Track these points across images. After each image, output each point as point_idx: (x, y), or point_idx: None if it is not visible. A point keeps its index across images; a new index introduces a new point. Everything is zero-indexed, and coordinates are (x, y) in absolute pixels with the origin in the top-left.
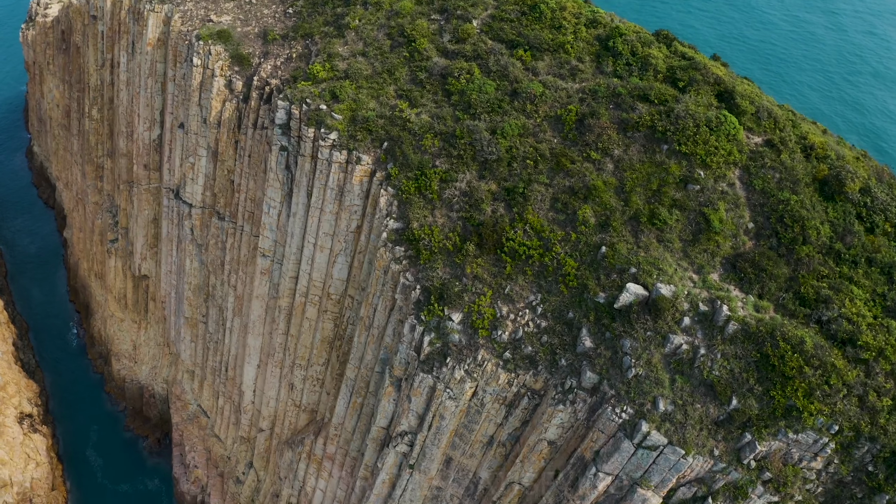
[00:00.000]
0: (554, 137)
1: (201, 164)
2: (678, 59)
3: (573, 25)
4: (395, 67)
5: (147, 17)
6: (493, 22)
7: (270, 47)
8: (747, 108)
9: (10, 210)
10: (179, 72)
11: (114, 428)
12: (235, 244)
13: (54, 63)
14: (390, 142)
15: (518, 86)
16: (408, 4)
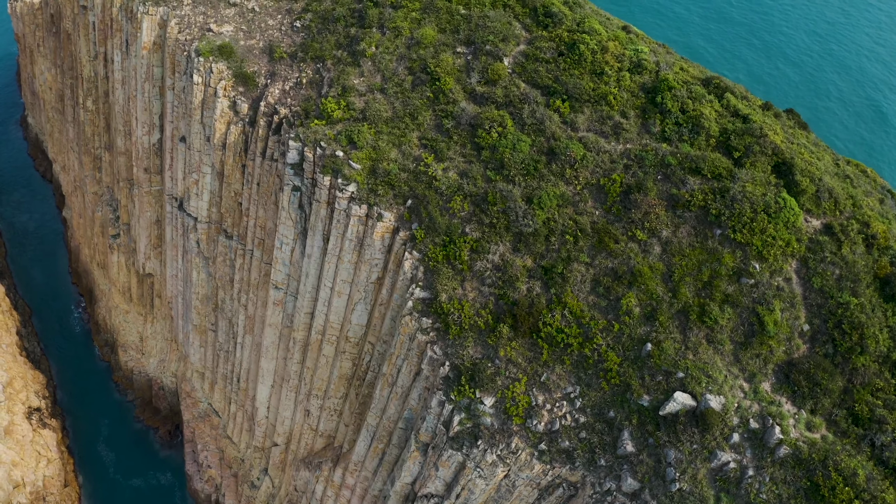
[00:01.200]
0: (596, 209)
1: (206, 181)
2: (731, 117)
3: (616, 72)
4: (417, 110)
5: (141, 19)
6: (526, 62)
7: (277, 67)
8: (807, 188)
9: (7, 184)
10: (178, 83)
11: (123, 419)
12: (245, 266)
13: (45, 45)
14: (415, 199)
15: (556, 144)
16: (430, 33)
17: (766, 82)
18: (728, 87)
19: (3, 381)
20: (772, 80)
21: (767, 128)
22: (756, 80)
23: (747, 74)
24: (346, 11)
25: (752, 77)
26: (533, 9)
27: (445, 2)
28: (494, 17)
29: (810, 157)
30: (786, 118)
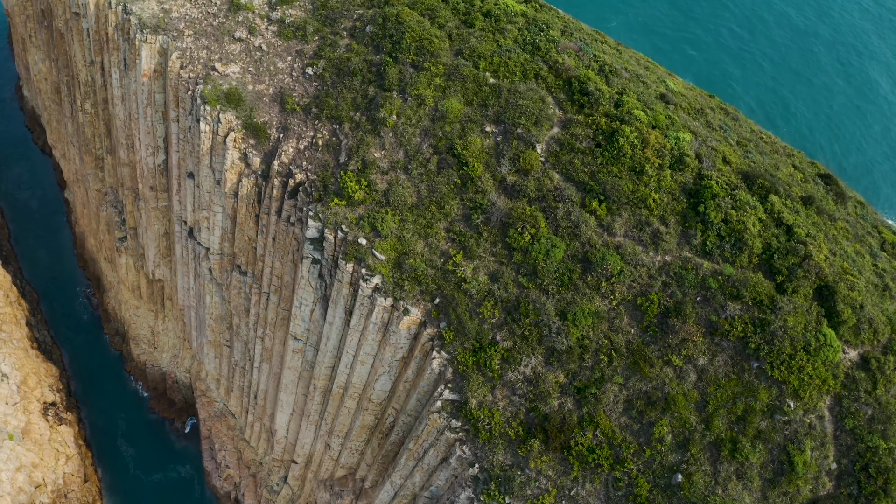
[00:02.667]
0: (631, 327)
1: (217, 219)
2: (775, 228)
3: (656, 170)
4: (444, 198)
5: (139, 47)
6: (560, 151)
7: (290, 119)
8: (848, 318)
9: (5, 158)
10: (183, 121)
11: (139, 410)
12: (261, 304)
13: (37, 37)
14: (443, 299)
15: (592, 252)
16: (456, 106)
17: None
18: (771, 184)
19: (18, 381)
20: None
21: (811, 243)
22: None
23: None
24: (362, 64)
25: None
26: (567, 81)
27: (472, 68)
28: (526, 93)
29: (852, 277)
30: (823, 190)
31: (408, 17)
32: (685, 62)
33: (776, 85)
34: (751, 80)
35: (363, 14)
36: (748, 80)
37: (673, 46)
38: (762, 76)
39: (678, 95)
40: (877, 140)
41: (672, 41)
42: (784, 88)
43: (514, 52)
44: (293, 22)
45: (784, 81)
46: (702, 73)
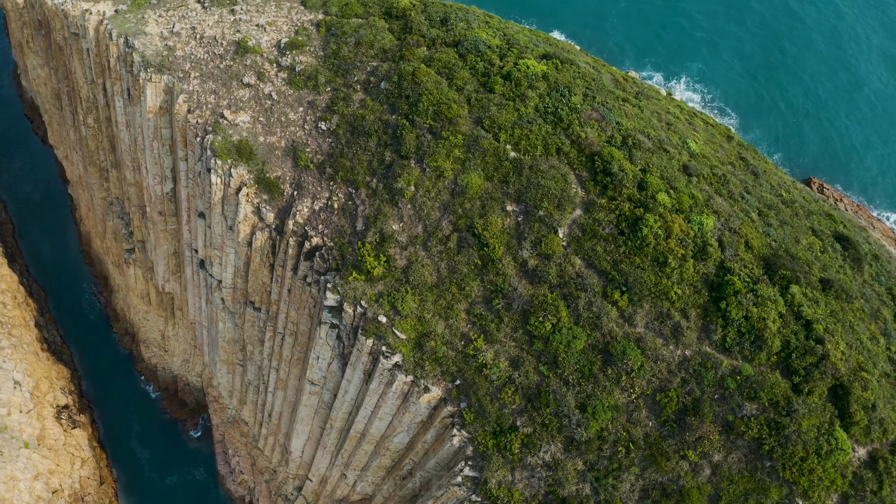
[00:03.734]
0: (650, 420)
1: (229, 259)
2: (794, 325)
3: (679, 260)
4: (465, 279)
5: (143, 85)
6: (583, 237)
7: (304, 177)
8: (860, 420)
9: (6, 149)
10: (192, 162)
11: (151, 410)
12: (276, 341)
13: (35, 43)
14: (463, 381)
15: (613, 345)
16: (476, 181)
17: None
18: (792, 273)
19: (30, 388)
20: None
21: (829, 340)
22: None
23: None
24: (377, 123)
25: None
26: (590, 157)
27: (492, 140)
28: (548, 171)
29: (867, 373)
30: (841, 258)
31: (424, 78)
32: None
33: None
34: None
35: (377, 67)
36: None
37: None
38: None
39: (700, 159)
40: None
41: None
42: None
43: (536, 124)
44: (304, 70)
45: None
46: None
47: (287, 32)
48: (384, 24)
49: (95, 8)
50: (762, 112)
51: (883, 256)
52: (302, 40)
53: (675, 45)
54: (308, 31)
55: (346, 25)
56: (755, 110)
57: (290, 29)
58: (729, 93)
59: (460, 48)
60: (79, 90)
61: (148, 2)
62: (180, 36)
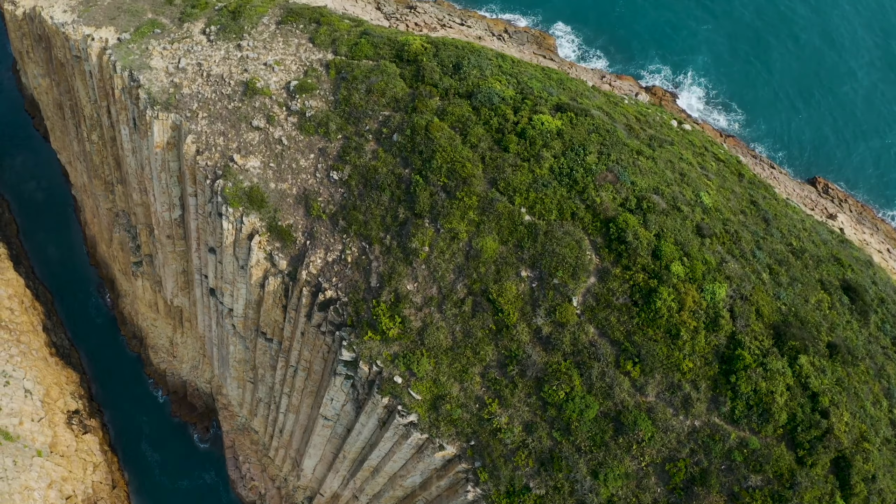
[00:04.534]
0: (658, 487)
1: (241, 293)
2: (801, 397)
3: (691, 332)
4: (479, 343)
5: (150, 122)
6: (597, 307)
7: (316, 226)
8: (860, 492)
9: (7, 145)
10: (201, 200)
11: (161, 413)
12: (288, 372)
13: (35, 54)
14: (478, 442)
15: (624, 415)
16: (491, 245)
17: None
18: (801, 343)
19: (41, 395)
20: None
21: (833, 412)
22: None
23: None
24: (390, 177)
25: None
26: (605, 223)
27: (507, 203)
28: (563, 238)
29: (868, 444)
30: (848, 312)
31: (437, 133)
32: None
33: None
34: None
35: (389, 117)
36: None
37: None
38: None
39: (712, 214)
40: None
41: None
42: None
43: (551, 187)
44: (314, 116)
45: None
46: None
47: (296, 73)
48: (396, 70)
49: (97, 34)
50: (768, 107)
51: (889, 298)
52: (311, 83)
53: (682, 38)
54: (317, 73)
55: (357, 69)
56: (761, 105)
57: (298, 69)
58: (735, 87)
59: (474, 101)
60: (82, 108)
61: (151, 31)
62: (186, 72)
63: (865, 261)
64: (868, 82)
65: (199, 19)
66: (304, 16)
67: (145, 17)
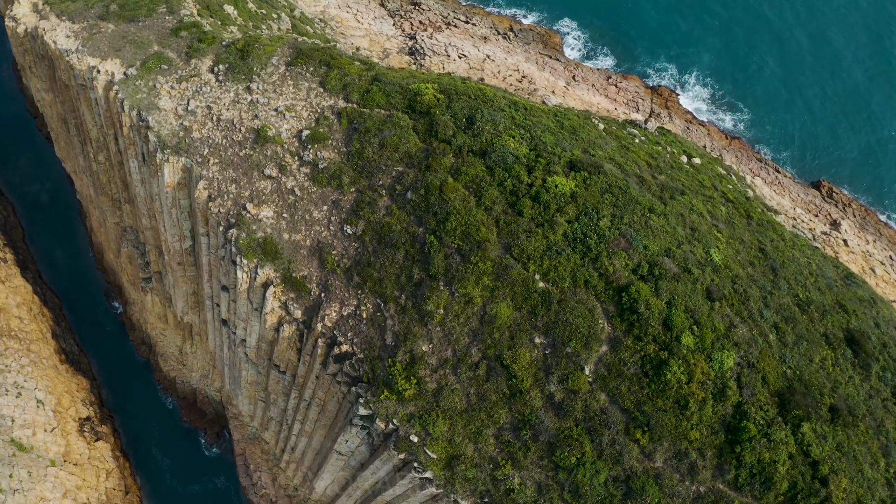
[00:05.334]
0: None
1: (254, 328)
2: (803, 466)
3: (699, 403)
4: (493, 406)
5: (160, 164)
6: (608, 376)
7: (331, 279)
8: None
9: (10, 146)
10: (214, 241)
11: (171, 418)
12: (302, 404)
13: (38, 69)
14: (491, 500)
15: (633, 481)
16: (505, 311)
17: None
18: (804, 411)
19: (53, 405)
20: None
21: (833, 480)
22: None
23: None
24: (404, 235)
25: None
26: (617, 291)
27: (521, 270)
28: (576, 307)
29: None
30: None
31: (452, 195)
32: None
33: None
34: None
35: (403, 173)
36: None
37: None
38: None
39: (722, 273)
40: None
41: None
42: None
43: (565, 255)
44: (327, 168)
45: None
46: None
47: (307, 120)
48: (408, 122)
49: (103, 67)
50: (776, 107)
51: (891, 340)
52: (323, 132)
53: (689, 35)
54: (329, 122)
55: (370, 120)
56: (768, 105)
57: (310, 116)
58: (741, 86)
59: (488, 160)
60: (88, 130)
61: (158, 66)
62: (196, 115)
63: (869, 299)
64: (882, 81)
65: (207, 55)
66: (313, 58)
67: (151, 50)
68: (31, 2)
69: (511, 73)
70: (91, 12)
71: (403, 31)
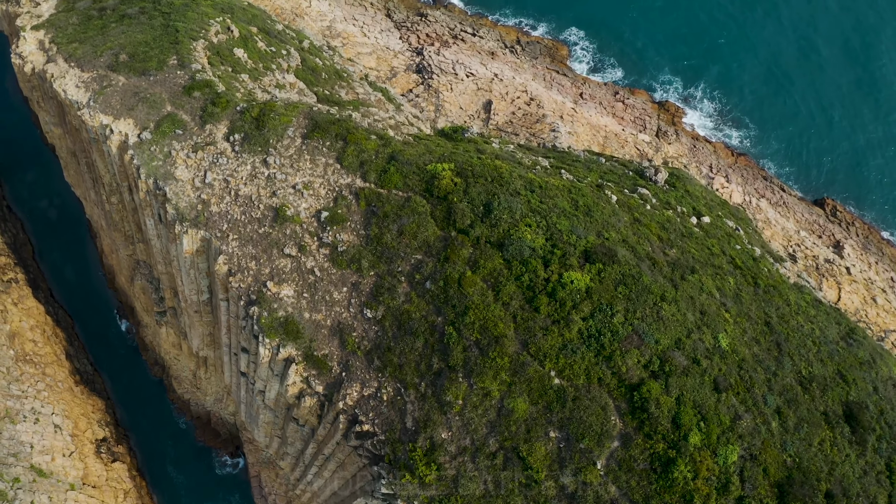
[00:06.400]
0: None
1: (274, 387)
2: None
3: (703, 498)
4: (510, 494)
5: (179, 234)
6: (618, 470)
7: (352, 360)
8: None
9: (16, 161)
10: (233, 308)
11: (185, 437)
12: (320, 457)
13: (45, 104)
14: None
15: None
16: (521, 406)
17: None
18: (802, 501)
19: (70, 429)
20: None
21: None
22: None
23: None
24: (424, 324)
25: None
26: (630, 388)
27: (538, 367)
28: (590, 405)
29: None
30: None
31: (470, 289)
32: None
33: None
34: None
35: (422, 262)
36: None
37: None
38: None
39: (729, 358)
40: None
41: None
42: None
43: (579, 353)
44: (346, 251)
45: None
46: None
47: (325, 199)
48: (426, 208)
49: (116, 126)
50: (782, 121)
51: (888, 403)
52: (342, 214)
53: (695, 47)
54: (347, 201)
55: (388, 204)
56: (775, 120)
57: (328, 194)
58: (748, 100)
59: (505, 253)
60: (101, 175)
61: (172, 130)
62: (214, 188)
63: (868, 360)
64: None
65: (222, 121)
66: (329, 131)
67: (165, 111)
68: (37, 39)
69: (519, 94)
70: (100, 61)
71: (410, 45)
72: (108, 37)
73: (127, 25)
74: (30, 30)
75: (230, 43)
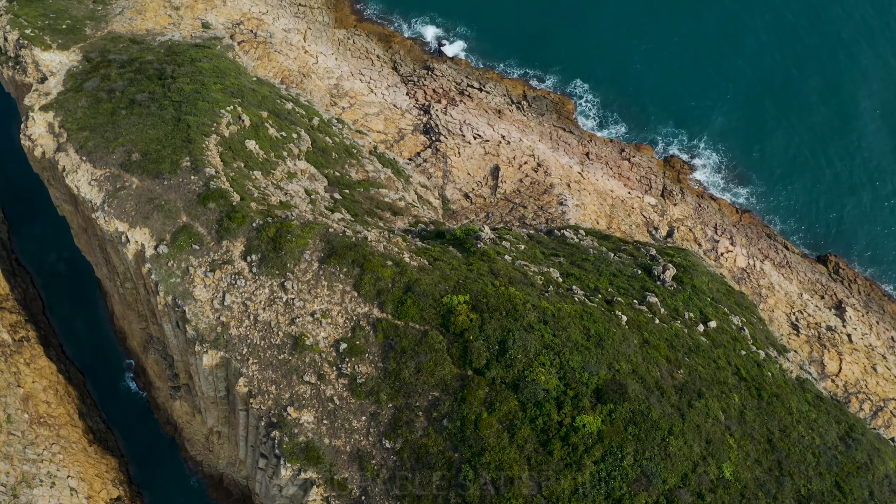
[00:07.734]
0: None
1: (293, 491)
2: None
3: None
4: None
5: (200, 355)
6: None
7: (371, 486)
8: None
9: (23, 214)
10: (252, 422)
11: (198, 495)
12: None
13: (55, 182)
14: None
15: None
16: None
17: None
18: None
19: (85, 492)
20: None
21: None
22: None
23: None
24: (441, 458)
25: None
26: None
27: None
28: None
29: None
30: None
31: (486, 431)
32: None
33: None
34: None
35: (439, 399)
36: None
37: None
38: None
39: (733, 489)
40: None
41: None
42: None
43: (591, 496)
44: (365, 383)
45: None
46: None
47: (343, 328)
48: (443, 345)
49: (132, 235)
50: (788, 176)
51: None
52: (360, 346)
53: (700, 99)
54: (365, 332)
55: (405, 339)
56: (780, 174)
57: (346, 323)
58: (753, 154)
59: (520, 395)
60: (115, 266)
61: (189, 244)
62: (233, 311)
63: (865, 462)
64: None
65: (238, 238)
66: (346, 257)
67: (180, 221)
68: (46, 122)
69: (527, 158)
70: (112, 158)
71: (417, 102)
72: (119, 128)
73: (138, 116)
74: (38, 110)
75: (241, 134)
